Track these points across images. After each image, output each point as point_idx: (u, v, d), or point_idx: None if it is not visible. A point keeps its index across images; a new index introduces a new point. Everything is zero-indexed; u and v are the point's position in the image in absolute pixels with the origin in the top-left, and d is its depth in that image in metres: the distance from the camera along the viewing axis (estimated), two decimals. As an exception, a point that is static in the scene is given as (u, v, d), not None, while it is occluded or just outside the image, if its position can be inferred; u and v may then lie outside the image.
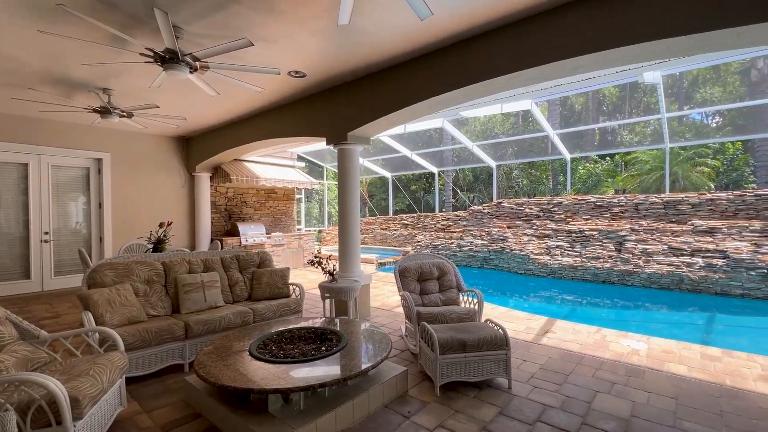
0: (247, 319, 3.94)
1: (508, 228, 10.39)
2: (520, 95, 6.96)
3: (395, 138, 11.06)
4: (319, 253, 4.65)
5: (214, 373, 2.49)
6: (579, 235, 9.03)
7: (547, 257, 9.12)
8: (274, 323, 3.70)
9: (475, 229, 11.13)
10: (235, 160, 8.63)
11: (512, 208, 10.65)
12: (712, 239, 7.53)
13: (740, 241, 7.27)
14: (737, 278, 6.88)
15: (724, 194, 7.98)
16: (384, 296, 6.53)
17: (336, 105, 5.15)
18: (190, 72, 3.57)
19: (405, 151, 11.80)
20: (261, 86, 4.58)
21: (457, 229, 11.60)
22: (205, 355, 2.81)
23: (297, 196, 12.68)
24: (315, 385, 2.35)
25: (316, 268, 4.57)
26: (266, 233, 9.39)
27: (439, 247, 11.19)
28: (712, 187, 12.52)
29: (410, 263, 4.38)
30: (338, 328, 3.36)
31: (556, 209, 9.89)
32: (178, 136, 8.36)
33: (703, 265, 7.26)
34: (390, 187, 14.99)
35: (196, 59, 3.46)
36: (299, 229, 13.16)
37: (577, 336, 4.39)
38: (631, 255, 8.11)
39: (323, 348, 2.92)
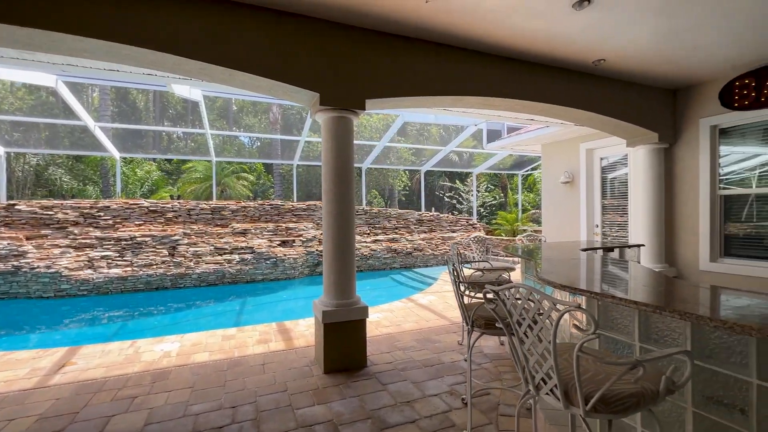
0: None
1: (28, 239, 7.72)
2: (36, 64, 5.25)
3: None
4: None
5: None
6: (130, 242, 8.29)
7: (90, 271, 7.65)
8: None
9: (-38, 244, 7.35)
10: None
11: (36, 213, 8.04)
12: (244, 238, 9.38)
13: (261, 239, 9.56)
14: (259, 267, 8.98)
15: (253, 203, 10.23)
16: None
17: None
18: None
19: None
20: None
21: None
22: None
23: None
24: None
25: None
26: None
27: None
28: (250, 197, 15.86)
29: None
30: None
31: (102, 214, 8.53)
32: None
33: (239, 260, 8.86)
34: None
35: None
36: None
37: (105, 358, 3.83)
38: (183, 258, 8.47)
39: None
